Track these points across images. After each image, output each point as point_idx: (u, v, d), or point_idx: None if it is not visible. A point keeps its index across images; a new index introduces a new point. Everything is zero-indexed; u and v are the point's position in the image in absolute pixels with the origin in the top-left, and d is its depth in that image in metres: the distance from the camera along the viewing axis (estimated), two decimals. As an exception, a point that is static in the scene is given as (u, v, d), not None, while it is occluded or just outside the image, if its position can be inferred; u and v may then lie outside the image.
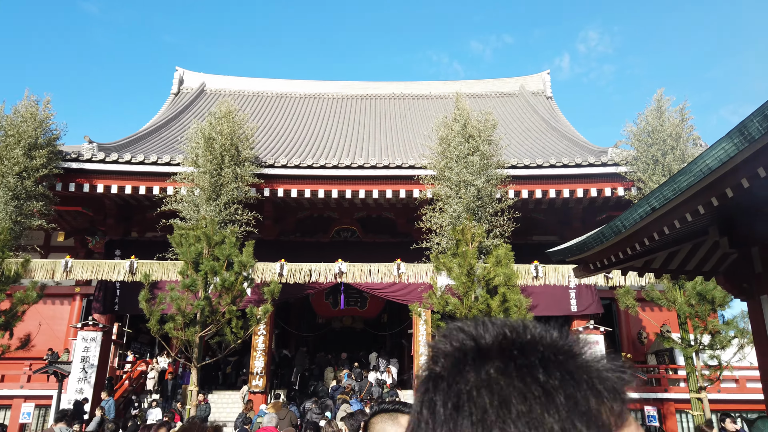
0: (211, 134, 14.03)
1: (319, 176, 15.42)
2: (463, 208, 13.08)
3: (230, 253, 12.56)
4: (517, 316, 12.16)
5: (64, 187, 15.08)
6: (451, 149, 13.45)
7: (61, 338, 20.10)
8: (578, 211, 17.31)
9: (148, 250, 15.79)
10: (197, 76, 34.78)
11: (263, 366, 16.33)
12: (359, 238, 18.19)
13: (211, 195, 13.66)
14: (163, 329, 11.93)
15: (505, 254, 12.53)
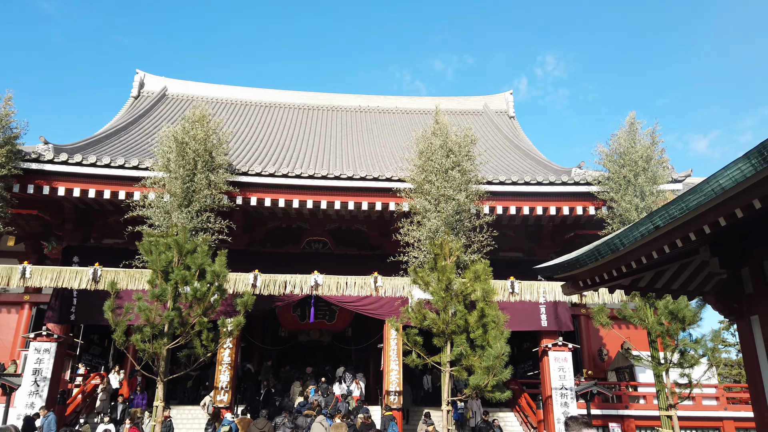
0: (184, 138, 13.55)
1: (294, 186, 15.11)
2: (441, 222, 13.05)
3: (203, 263, 12.10)
4: (495, 331, 12.17)
5: (21, 188, 14.23)
6: (431, 163, 13.44)
7: (8, 348, 18.91)
8: (548, 229, 17.59)
9: (109, 258, 15.05)
10: (158, 80, 33.89)
11: (228, 380, 15.75)
12: (331, 250, 17.91)
13: (183, 202, 13.17)
14: (129, 341, 11.33)
15: (484, 269, 12.55)
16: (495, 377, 11.57)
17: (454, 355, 12.29)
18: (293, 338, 22.40)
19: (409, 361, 12.51)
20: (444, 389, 12.60)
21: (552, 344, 16.26)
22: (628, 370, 20.76)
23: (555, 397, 16.02)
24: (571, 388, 16.09)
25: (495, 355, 11.54)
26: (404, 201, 14.92)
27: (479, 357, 12.10)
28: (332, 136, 28.75)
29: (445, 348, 12.64)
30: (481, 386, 11.69)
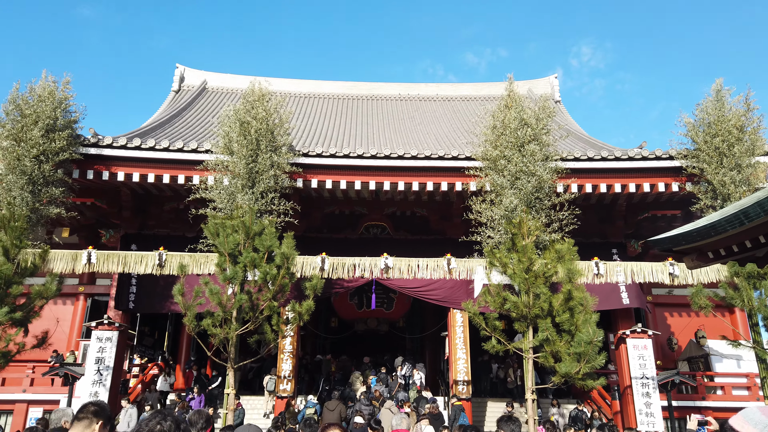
0: (245, 118, 13.03)
1: (356, 166, 14.48)
2: (519, 200, 12.22)
3: (271, 245, 11.55)
4: (583, 315, 11.31)
5: (81, 174, 13.95)
6: (506, 137, 12.62)
7: (65, 340, 18.85)
8: (622, 209, 16.57)
9: (167, 246, 14.69)
10: (198, 73, 33.74)
11: (291, 369, 15.27)
12: (390, 235, 17.25)
13: (247, 183, 12.66)
14: (201, 326, 10.86)
15: (568, 249, 11.70)
16: (587, 364, 10.74)
17: (537, 340, 11.49)
18: (347, 328, 21.85)
19: (489, 347, 11.77)
20: (527, 377, 11.82)
21: (630, 331, 15.25)
22: (703, 360, 19.56)
23: (635, 387, 15.02)
24: (653, 377, 15.07)
25: (587, 340, 10.70)
26: (472, 180, 14.15)
27: (566, 342, 11.28)
28: (374, 125, 28.13)
29: (527, 333, 11.86)
30: (571, 374, 10.88)
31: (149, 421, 2.55)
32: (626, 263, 13.52)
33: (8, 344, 10.96)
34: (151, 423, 2.53)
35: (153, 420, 2.55)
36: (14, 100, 12.41)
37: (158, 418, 2.56)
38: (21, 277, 11.42)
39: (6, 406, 16.31)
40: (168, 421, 2.55)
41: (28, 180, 12.17)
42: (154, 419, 2.55)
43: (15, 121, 12.38)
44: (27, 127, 12.30)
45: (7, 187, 11.96)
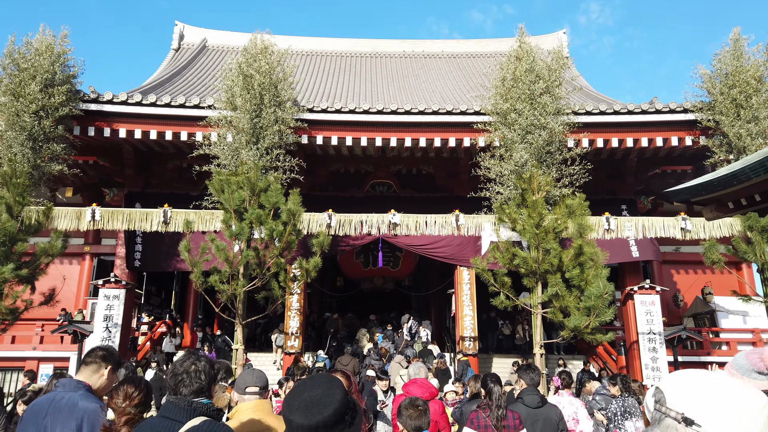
0: (248, 71, 12.66)
1: (362, 122, 14.17)
2: (530, 155, 11.96)
3: (277, 201, 11.37)
4: (593, 270, 11.20)
5: (82, 131, 13.68)
6: (517, 90, 12.25)
7: (72, 299, 18.97)
8: (632, 165, 16.29)
9: (171, 204, 14.54)
10: (198, 31, 32.94)
11: (298, 326, 15.34)
12: (396, 193, 17.05)
13: (251, 138, 12.39)
14: (208, 282, 10.80)
15: (579, 204, 11.49)
16: (597, 318, 10.68)
17: (547, 296, 11.41)
18: (353, 286, 21.92)
19: (497, 303, 11.71)
20: (536, 333, 11.80)
21: (638, 287, 15.22)
22: (709, 316, 19.63)
23: (642, 343, 15.08)
24: (660, 333, 15.11)
25: (597, 294, 10.61)
26: (480, 135, 13.84)
27: (575, 297, 11.20)
28: (378, 83, 27.56)
29: (535, 289, 11.78)
30: (580, 328, 10.83)
31: (184, 362, 2.55)
32: (637, 218, 13.35)
33: (15, 301, 10.94)
34: (186, 363, 2.53)
35: (188, 360, 2.55)
36: (10, 54, 12.06)
37: (192, 359, 2.57)
38: (25, 234, 11.32)
39: (17, 363, 16.52)
40: (202, 361, 2.56)
41: (28, 136, 11.93)
42: (189, 359, 2.56)
43: (12, 76, 12.05)
44: (25, 82, 11.98)
45: (7, 143, 11.73)
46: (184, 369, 2.51)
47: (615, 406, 6.22)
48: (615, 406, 6.22)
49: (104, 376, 3.10)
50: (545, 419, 4.09)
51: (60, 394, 2.97)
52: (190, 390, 2.49)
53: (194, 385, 2.49)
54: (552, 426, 4.08)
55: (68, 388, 3.01)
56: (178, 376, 2.51)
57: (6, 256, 10.88)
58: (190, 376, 2.49)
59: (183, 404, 2.43)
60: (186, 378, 2.49)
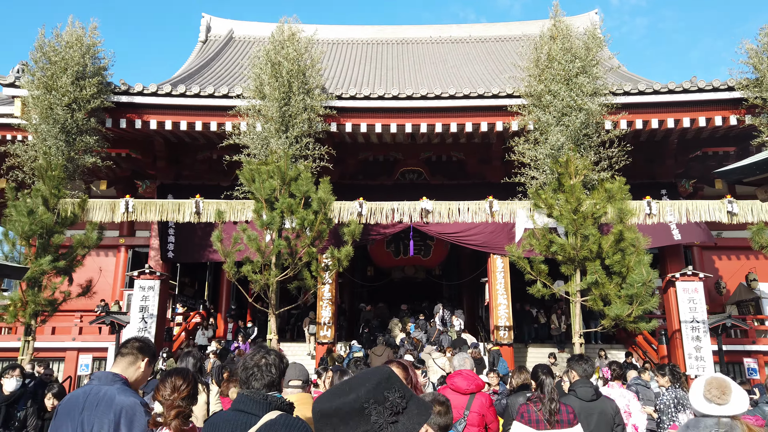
0: (276, 59, 12.52)
1: (392, 108, 13.91)
2: (566, 138, 11.54)
3: (307, 190, 11.24)
4: (635, 256, 10.77)
5: (114, 123, 13.78)
6: (552, 70, 11.81)
7: (109, 291, 19.30)
8: (672, 147, 15.66)
9: (202, 195, 14.57)
10: (225, 22, 33.01)
11: (330, 316, 15.28)
12: (427, 181, 16.77)
13: (280, 127, 12.27)
14: (241, 272, 10.76)
15: (619, 188, 11.05)
16: (640, 306, 10.28)
17: (586, 283, 11.03)
18: (384, 276, 21.79)
19: (534, 291, 11.39)
20: (575, 321, 11.46)
21: (680, 274, 14.65)
22: (753, 303, 18.88)
23: (685, 331, 14.54)
24: (704, 321, 14.55)
25: (641, 281, 10.20)
26: (513, 119, 13.44)
27: (616, 285, 10.81)
28: (405, 70, 27.16)
29: (573, 276, 11.41)
30: (622, 317, 10.45)
31: (254, 355, 2.58)
32: (680, 202, 12.80)
33: (54, 292, 11.11)
34: (256, 357, 2.56)
35: (258, 354, 2.58)
36: (41, 47, 12.16)
37: (262, 352, 2.59)
38: (62, 226, 11.46)
39: (58, 354, 16.89)
40: (272, 355, 2.58)
41: (62, 129, 12.03)
42: (258, 353, 2.59)
43: (44, 69, 12.16)
44: (56, 75, 12.07)
45: (41, 136, 11.86)
46: (255, 363, 2.51)
47: (667, 397, 5.89)
48: (667, 397, 5.89)
49: (141, 369, 2.95)
50: (600, 413, 3.83)
51: (96, 388, 2.84)
52: (262, 383, 2.49)
53: (265, 378, 2.50)
54: (607, 420, 3.82)
55: (104, 381, 2.87)
56: (249, 369, 2.51)
57: (43, 249, 11.03)
58: (261, 369, 2.50)
59: (258, 398, 2.42)
60: (257, 372, 2.50)
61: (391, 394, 1.28)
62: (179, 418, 2.58)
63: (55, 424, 2.83)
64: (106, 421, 2.68)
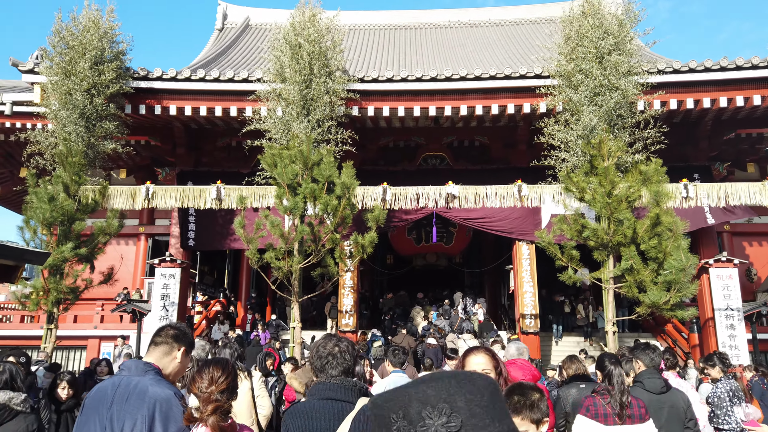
0: (296, 40, 12.19)
1: (415, 91, 13.52)
2: (599, 118, 11.07)
3: (330, 174, 10.95)
4: (672, 241, 10.33)
5: (133, 109, 13.58)
6: (583, 48, 11.32)
7: (129, 279, 19.27)
8: (706, 128, 15.07)
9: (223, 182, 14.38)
10: (241, 10, 32.70)
11: (352, 304, 15.04)
12: (450, 166, 16.38)
13: (302, 111, 11.97)
14: (263, 259, 10.53)
15: (656, 170, 10.59)
16: (678, 293, 9.86)
17: (620, 269, 10.62)
18: (404, 264, 21.50)
19: (565, 278, 11.02)
20: (608, 309, 11.06)
21: (714, 260, 14.14)
22: (788, 290, 18.29)
23: (719, 319, 14.06)
24: (738, 308, 14.05)
25: (679, 267, 9.77)
26: (541, 100, 12.98)
27: (651, 271, 10.38)
28: (424, 54, 26.63)
29: (606, 263, 11.00)
30: (659, 304, 10.04)
31: (326, 344, 2.58)
32: (718, 184, 12.30)
33: (76, 280, 10.99)
34: (329, 345, 2.56)
35: (330, 342, 2.58)
36: (59, 32, 11.96)
37: (334, 341, 2.58)
38: (83, 213, 11.32)
39: (80, 342, 16.93)
40: (344, 342, 2.59)
41: (81, 114, 11.85)
42: (331, 341, 2.59)
43: (62, 54, 11.96)
44: (74, 60, 11.87)
45: (61, 122, 11.69)
46: (329, 351, 2.52)
47: (721, 389, 5.51)
48: (721, 389, 5.51)
49: (177, 359, 2.65)
50: (671, 407, 3.49)
51: (126, 379, 2.55)
52: (339, 371, 2.50)
53: (341, 365, 2.51)
54: (679, 415, 3.49)
55: (135, 371, 2.57)
56: (324, 358, 2.51)
57: (65, 236, 10.91)
58: (336, 357, 2.51)
59: (349, 385, 2.45)
60: (332, 359, 2.50)
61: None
62: (217, 413, 2.29)
63: (82, 420, 2.57)
64: (138, 417, 2.40)
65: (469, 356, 2.68)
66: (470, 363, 2.65)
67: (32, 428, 3.51)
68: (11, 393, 3.61)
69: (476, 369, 2.61)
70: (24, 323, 17.41)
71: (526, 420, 2.12)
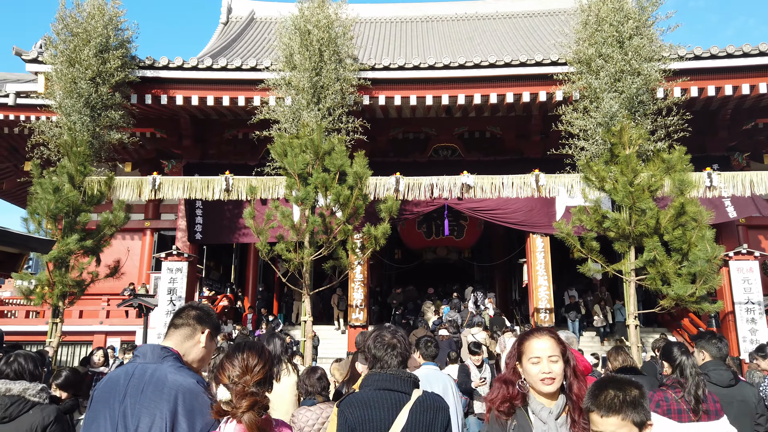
0: (305, 27, 11.85)
1: (427, 79, 13.19)
2: (619, 105, 10.71)
3: (342, 164, 10.60)
4: (696, 232, 9.96)
5: (139, 99, 13.27)
6: (602, 33, 10.95)
7: (135, 274, 19.00)
8: (725, 118, 14.68)
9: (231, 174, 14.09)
10: (246, 3, 32.33)
11: (363, 298, 14.73)
12: (462, 157, 16.03)
13: (312, 99, 11.64)
14: (274, 251, 10.21)
15: (680, 158, 10.21)
16: (705, 285, 9.50)
17: (642, 261, 10.26)
18: (413, 258, 21.16)
19: (585, 270, 10.68)
20: (629, 302, 10.70)
21: (734, 252, 13.77)
22: (805, 283, 17.88)
23: (739, 313, 13.70)
24: (759, 302, 13.69)
25: (706, 257, 9.41)
26: (558, 88, 12.62)
27: (675, 262, 10.02)
28: (431, 48, 26.24)
29: (627, 254, 10.63)
30: (684, 296, 9.68)
31: (383, 335, 2.61)
32: (742, 173, 11.93)
33: (81, 273, 10.70)
34: (387, 336, 2.59)
35: (387, 334, 2.62)
36: (62, 19, 11.66)
37: (391, 332, 2.62)
38: (88, 205, 11.01)
39: (85, 337, 16.67)
40: (399, 334, 2.64)
41: (86, 103, 11.55)
42: (388, 333, 2.62)
43: (66, 42, 11.66)
44: (79, 47, 11.57)
45: (65, 111, 11.40)
46: (388, 342, 2.55)
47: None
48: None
49: (201, 343, 2.27)
50: (741, 401, 3.16)
51: (141, 367, 2.18)
52: (397, 362, 2.53)
53: (400, 356, 2.55)
54: (749, 410, 3.16)
55: (150, 357, 2.20)
56: (383, 349, 2.54)
57: (70, 228, 10.61)
58: (396, 348, 2.54)
59: (405, 376, 2.47)
60: (391, 351, 2.53)
61: None
62: (254, 410, 1.91)
63: (90, 416, 2.19)
64: (157, 413, 2.03)
65: (530, 340, 2.33)
66: (532, 348, 2.31)
67: (48, 420, 3.18)
68: (26, 383, 3.30)
69: (541, 355, 2.28)
70: (29, 318, 17.18)
71: (627, 421, 1.75)
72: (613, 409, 1.75)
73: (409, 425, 2.29)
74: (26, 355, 3.59)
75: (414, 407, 2.32)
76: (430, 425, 2.34)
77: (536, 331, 2.35)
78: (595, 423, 1.84)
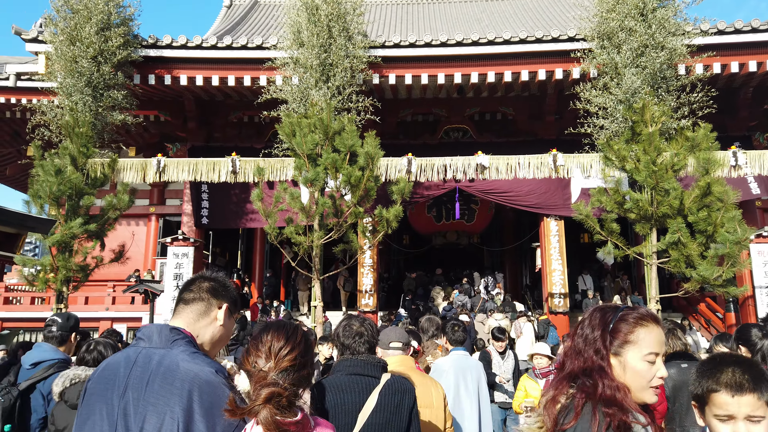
0: (314, 2, 11.42)
1: (439, 56, 12.74)
2: (642, 81, 10.26)
3: (353, 144, 10.24)
4: (723, 212, 9.57)
5: (142, 79, 12.89)
6: (626, 4, 10.47)
7: (141, 260, 18.76)
8: (747, 97, 14.19)
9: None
10: (249, -15, 31.63)
11: (372, 283, 14.42)
12: (473, 139, 15.61)
13: (321, 77, 11.23)
14: (283, 234, 9.89)
15: (705, 136, 9.80)
16: (732, 267, 9.14)
17: (665, 243, 9.89)
18: (423, 243, 20.82)
19: (605, 253, 10.32)
20: (650, 286, 10.35)
21: (755, 235, 13.34)
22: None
23: (759, 297, 13.31)
24: (780, 286, 13.30)
25: (734, 240, 9.03)
26: (575, 66, 12.17)
27: (699, 244, 9.64)
28: (438, 30, 25.65)
29: (649, 236, 10.27)
30: (710, 279, 9.32)
31: (352, 324, 2.71)
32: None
33: (86, 257, 10.41)
34: (355, 325, 2.70)
35: (355, 322, 2.73)
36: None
37: (359, 321, 2.74)
38: (92, 187, 10.70)
39: (91, 324, 16.42)
40: (367, 322, 2.76)
41: (87, 82, 11.19)
42: (356, 322, 2.72)
43: (67, 19, 11.28)
44: (80, 25, 11.19)
45: (67, 91, 11.05)
46: (356, 330, 2.66)
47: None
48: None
49: (218, 321, 1.85)
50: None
51: (145, 353, 1.74)
52: (365, 348, 2.64)
53: (368, 343, 2.66)
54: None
55: (157, 341, 1.76)
56: (350, 337, 2.65)
57: (73, 211, 10.31)
58: (363, 335, 2.65)
59: (375, 362, 2.58)
60: (359, 338, 2.64)
61: None
62: (273, 403, 1.51)
63: (83, 412, 1.77)
64: (167, 411, 1.62)
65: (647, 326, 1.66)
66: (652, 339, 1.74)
67: None
68: None
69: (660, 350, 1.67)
70: (34, 305, 16.96)
71: (763, 401, 1.46)
72: (747, 388, 1.47)
73: (378, 407, 2.43)
74: (106, 343, 3.58)
75: (383, 390, 2.46)
76: (397, 407, 2.48)
77: (649, 320, 1.68)
78: (719, 405, 1.58)
